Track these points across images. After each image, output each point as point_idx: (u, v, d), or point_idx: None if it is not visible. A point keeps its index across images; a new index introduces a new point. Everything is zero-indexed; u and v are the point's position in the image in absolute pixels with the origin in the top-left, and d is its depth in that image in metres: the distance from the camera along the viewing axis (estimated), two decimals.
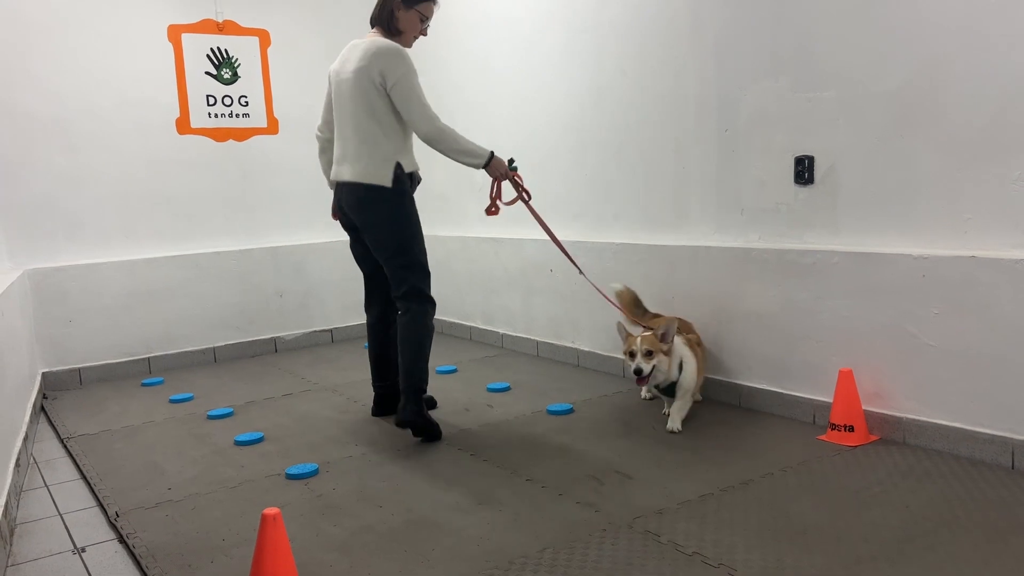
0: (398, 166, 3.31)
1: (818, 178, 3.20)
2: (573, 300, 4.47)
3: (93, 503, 2.91)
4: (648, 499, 2.61)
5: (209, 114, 5.13)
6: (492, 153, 3.31)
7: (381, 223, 3.33)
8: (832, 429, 3.09)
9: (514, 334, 5.01)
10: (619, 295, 3.74)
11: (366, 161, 3.29)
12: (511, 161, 3.41)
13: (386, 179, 3.28)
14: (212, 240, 5.20)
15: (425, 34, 3.49)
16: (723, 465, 2.88)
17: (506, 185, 3.96)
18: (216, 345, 5.18)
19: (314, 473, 3.02)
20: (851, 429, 3.04)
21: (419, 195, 6.12)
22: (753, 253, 3.42)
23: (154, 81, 4.94)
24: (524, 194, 3.43)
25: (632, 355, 3.26)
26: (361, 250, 3.57)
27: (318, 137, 3.61)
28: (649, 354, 3.23)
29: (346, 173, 3.34)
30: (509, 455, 3.11)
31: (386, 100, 3.26)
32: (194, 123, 5.08)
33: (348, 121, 3.32)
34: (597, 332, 4.33)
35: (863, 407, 3.07)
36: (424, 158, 5.67)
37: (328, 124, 3.53)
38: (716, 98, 3.56)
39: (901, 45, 2.88)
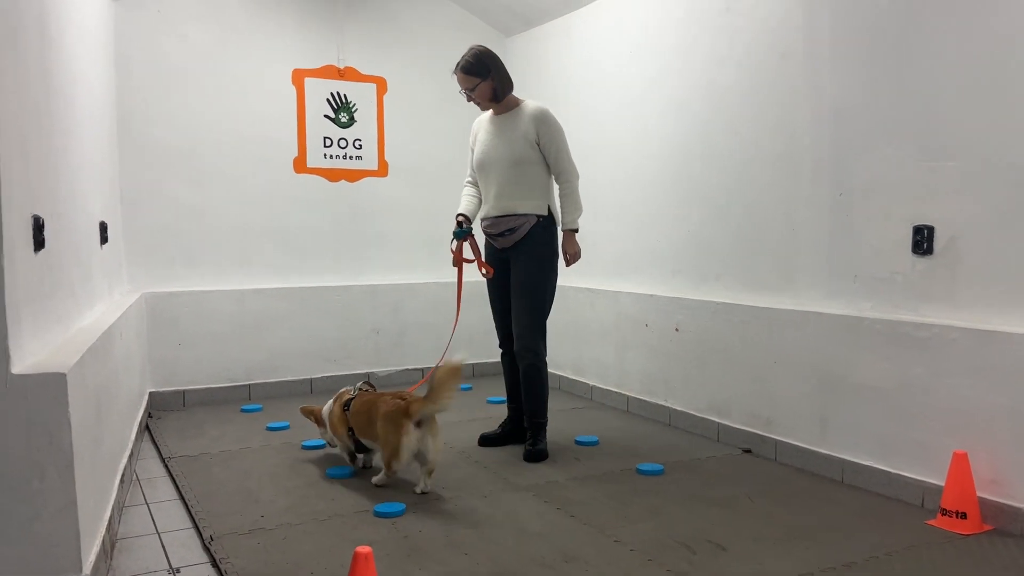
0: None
1: (938, 249, 3.04)
2: (668, 357, 4.36)
3: (189, 524, 2.96)
4: (743, 575, 2.47)
5: (325, 155, 5.30)
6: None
7: None
8: (943, 515, 2.88)
9: (604, 387, 4.92)
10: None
11: None
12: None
13: None
14: (317, 275, 5.33)
15: (469, 100, 3.83)
16: (824, 544, 2.72)
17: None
18: (314, 376, 5.27)
19: (401, 513, 3.00)
20: (964, 516, 2.83)
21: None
22: (865, 323, 3.26)
23: (277, 122, 5.15)
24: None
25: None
26: None
27: None
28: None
29: None
30: (597, 512, 3.02)
31: None
32: (310, 163, 5.26)
33: None
34: (691, 392, 4.20)
35: (978, 493, 2.86)
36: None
37: None
38: (831, 162, 3.45)
39: None
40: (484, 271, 3.86)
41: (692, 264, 4.24)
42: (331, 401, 3.61)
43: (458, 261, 3.81)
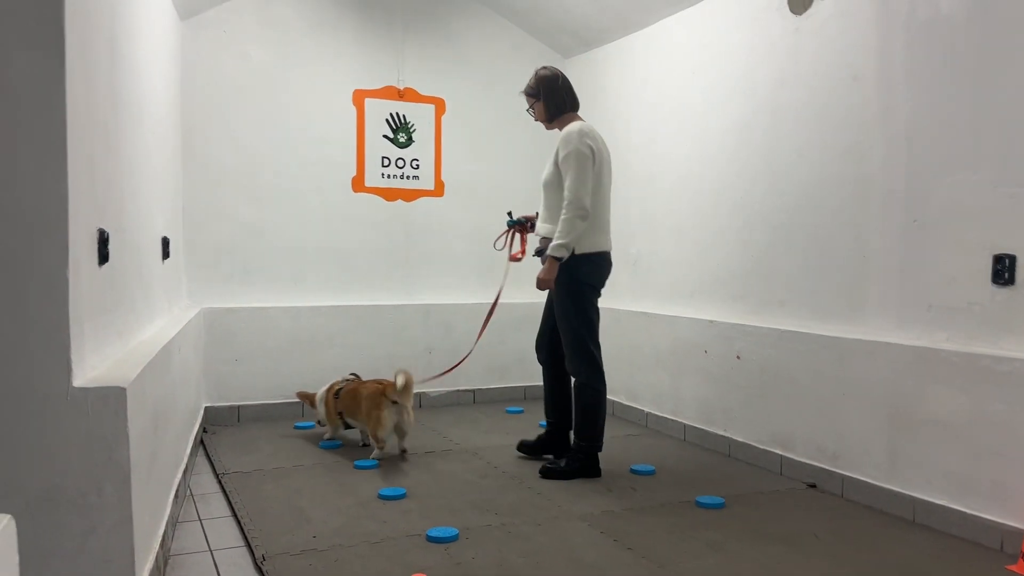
0: None
1: (1020, 279, 2.89)
2: (727, 385, 4.23)
3: (241, 542, 2.94)
4: None
5: (382, 175, 5.32)
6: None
7: None
8: None
9: (659, 414, 4.81)
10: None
11: None
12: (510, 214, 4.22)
13: None
14: (371, 293, 5.33)
15: (536, 120, 4.03)
16: None
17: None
18: None
19: (454, 538, 2.94)
20: None
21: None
22: (940, 354, 3.11)
23: (336, 141, 5.19)
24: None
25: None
26: None
27: (590, 214, 3.68)
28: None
29: (611, 243, 3.88)
30: (654, 546, 2.92)
31: None
32: (368, 182, 5.29)
33: (608, 197, 3.83)
34: (753, 422, 4.06)
35: None
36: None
37: None
38: (904, 187, 3.32)
39: None
40: (512, 254, 4.15)
41: (754, 290, 4.12)
42: (323, 389, 4.42)
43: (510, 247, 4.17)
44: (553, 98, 3.86)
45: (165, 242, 3.68)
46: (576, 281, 3.73)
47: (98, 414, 2.00)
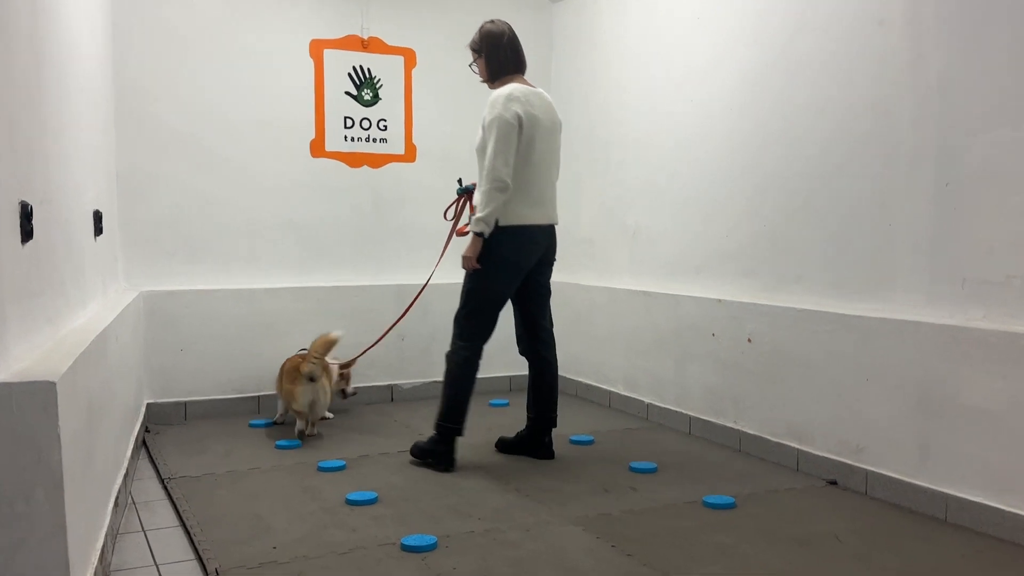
0: None
1: None
2: (738, 372, 4.26)
3: (191, 555, 2.94)
4: None
5: (345, 137, 5.29)
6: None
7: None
8: None
9: (662, 405, 4.84)
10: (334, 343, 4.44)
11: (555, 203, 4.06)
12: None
13: None
14: (336, 272, 5.31)
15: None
16: None
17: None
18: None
19: (432, 547, 2.95)
20: None
21: (564, 239, 6.11)
22: (975, 334, 3.14)
23: (292, 99, 5.16)
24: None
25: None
26: (513, 288, 4.03)
27: (509, 186, 3.77)
28: None
29: (553, 216, 4.02)
30: (658, 551, 2.95)
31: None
32: (329, 146, 5.25)
33: (549, 168, 3.96)
34: (766, 413, 4.10)
35: None
36: (575, 198, 5.66)
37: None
38: (936, 146, 3.33)
39: None
40: (459, 227, 4.29)
41: (767, 264, 4.14)
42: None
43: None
44: (495, 56, 3.94)
45: (98, 216, 3.64)
46: (491, 254, 3.84)
47: (25, 412, 1.98)
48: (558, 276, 5.93)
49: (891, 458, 3.48)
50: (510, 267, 3.90)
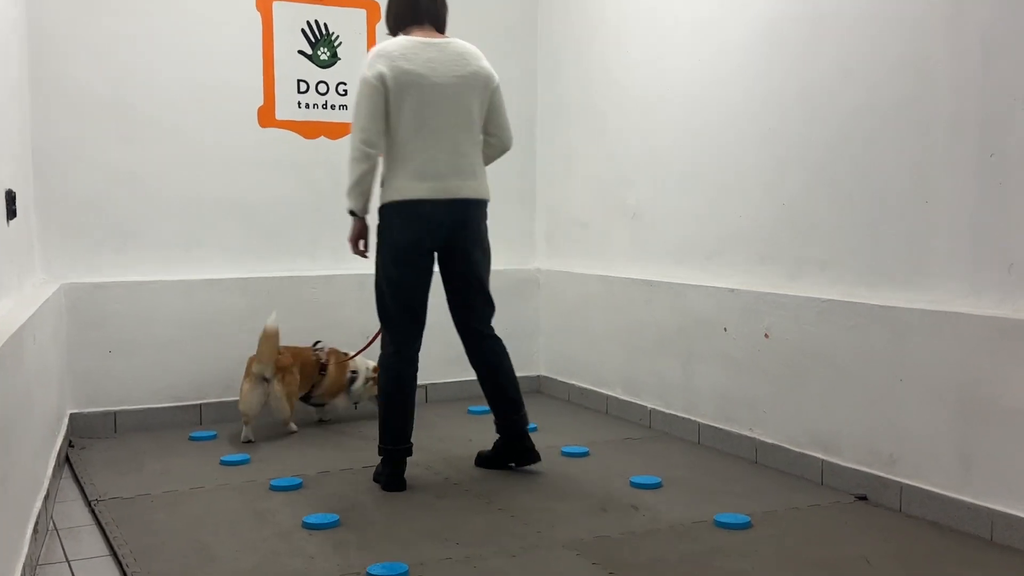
0: None
1: None
2: (754, 373, 4.28)
3: None
4: None
5: (299, 103, 5.28)
6: None
7: (486, 244, 4.06)
8: None
9: (667, 411, 4.86)
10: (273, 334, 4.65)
11: (481, 176, 3.99)
12: None
13: (490, 194, 4.02)
14: (290, 261, 5.30)
15: None
16: None
17: None
18: None
19: None
20: None
21: (555, 221, 6.09)
22: None
23: (236, 60, 5.13)
24: None
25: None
26: (421, 279, 3.98)
27: (370, 154, 3.87)
28: None
29: (462, 189, 3.90)
30: None
31: (485, 108, 3.97)
32: (280, 114, 5.24)
33: (457, 130, 3.88)
34: (786, 419, 4.12)
35: None
36: (567, 174, 5.67)
37: (384, 135, 3.87)
38: (979, 112, 3.35)
39: None
40: None
41: (787, 248, 4.16)
42: None
43: None
44: (391, 8, 4.01)
45: (10, 196, 3.62)
46: (379, 237, 3.94)
47: None
48: (547, 263, 5.95)
49: (929, 470, 3.51)
50: (400, 251, 3.90)
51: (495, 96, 3.98)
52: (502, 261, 5.87)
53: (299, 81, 5.27)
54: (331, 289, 5.35)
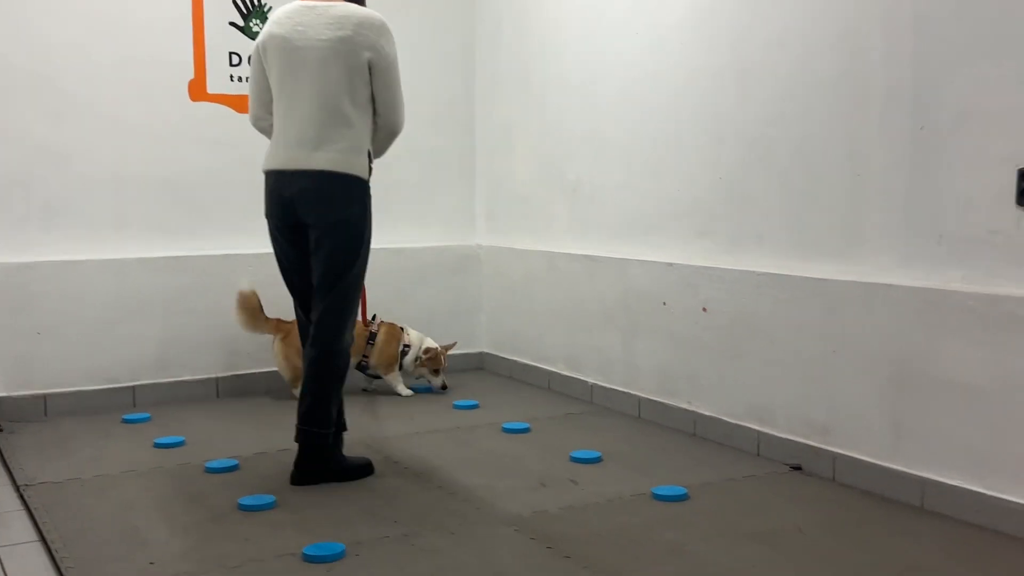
0: (369, 156, 3.71)
1: None
2: (692, 345, 4.34)
3: (53, 575, 2.89)
4: None
5: (231, 77, 5.21)
6: None
7: (348, 224, 3.67)
8: None
9: (608, 386, 4.90)
10: (246, 298, 4.89)
11: (340, 146, 3.62)
12: None
13: (363, 170, 3.67)
14: (226, 238, 5.24)
15: None
16: None
17: None
18: (220, 375, 5.22)
19: (340, 556, 2.96)
20: None
21: (495, 196, 6.10)
22: (954, 298, 3.24)
23: (164, 31, 5.04)
24: None
25: (438, 372, 5.19)
26: (298, 258, 3.77)
27: (263, 128, 3.82)
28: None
29: (309, 160, 3.62)
30: (600, 552, 3.00)
31: (367, 79, 3.63)
32: (212, 87, 5.17)
33: (314, 97, 3.61)
34: (723, 392, 4.19)
35: None
36: (507, 149, 5.67)
37: (269, 106, 3.75)
38: (911, 85, 3.41)
39: None
40: None
41: (724, 222, 4.21)
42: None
43: None
44: None
45: None
46: None
47: None
48: (488, 239, 5.96)
49: (861, 439, 3.59)
50: (269, 227, 3.83)
51: (376, 69, 3.62)
52: (442, 238, 5.91)
53: (231, 54, 5.20)
54: (269, 267, 5.27)
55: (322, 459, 3.69)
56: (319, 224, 3.64)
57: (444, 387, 5.21)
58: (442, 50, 5.10)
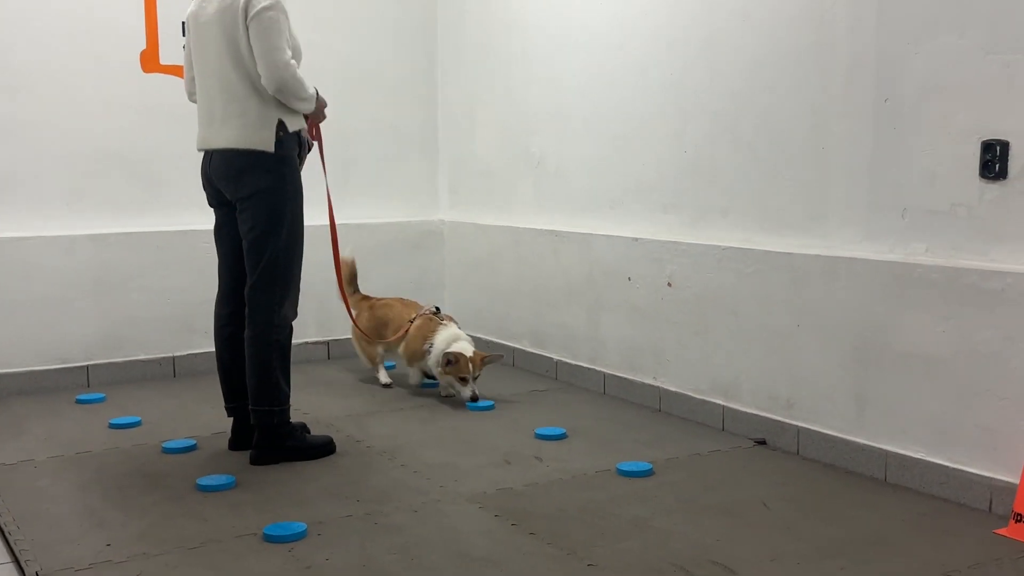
0: (280, 125, 3.62)
1: (1014, 172, 3.07)
2: (657, 321, 4.37)
3: (7, 558, 2.90)
4: None
5: (185, 47, 5.12)
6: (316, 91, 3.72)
7: (259, 198, 3.63)
8: (1017, 521, 2.95)
9: (573, 362, 4.93)
10: (347, 265, 4.84)
11: (241, 121, 3.60)
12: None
13: (267, 143, 3.59)
14: (180, 214, 5.19)
15: None
16: (864, 564, 2.77)
17: None
18: (177, 354, 5.20)
19: (301, 535, 2.97)
20: None
21: (459, 171, 6.08)
22: (917, 271, 3.29)
23: (115, 2, 4.98)
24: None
25: (465, 380, 4.46)
26: (229, 230, 3.80)
27: (195, 103, 3.84)
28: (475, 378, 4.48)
29: (216, 139, 3.66)
30: (564, 528, 3.04)
31: (249, 45, 3.56)
32: (164, 58, 5.12)
33: (212, 74, 3.64)
34: (688, 367, 4.23)
35: None
36: (470, 123, 5.65)
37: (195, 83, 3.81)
38: (875, 57, 3.44)
39: None
40: None
41: (689, 196, 4.24)
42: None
43: None
44: None
45: None
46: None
47: None
48: (451, 214, 5.96)
49: (825, 413, 3.64)
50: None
51: (253, 24, 3.49)
52: (405, 213, 5.90)
53: (184, 24, 5.13)
54: None
55: (279, 436, 3.70)
56: (235, 200, 3.69)
57: (474, 399, 4.46)
58: (404, 23, 5.05)
